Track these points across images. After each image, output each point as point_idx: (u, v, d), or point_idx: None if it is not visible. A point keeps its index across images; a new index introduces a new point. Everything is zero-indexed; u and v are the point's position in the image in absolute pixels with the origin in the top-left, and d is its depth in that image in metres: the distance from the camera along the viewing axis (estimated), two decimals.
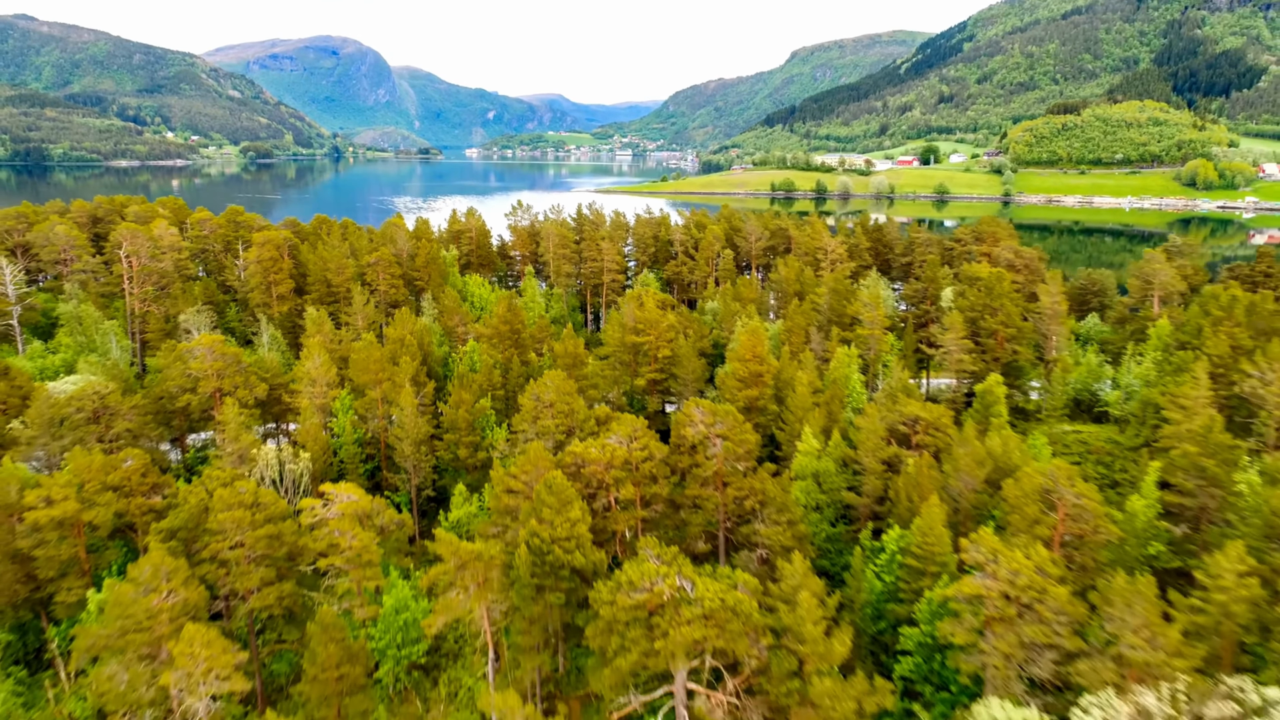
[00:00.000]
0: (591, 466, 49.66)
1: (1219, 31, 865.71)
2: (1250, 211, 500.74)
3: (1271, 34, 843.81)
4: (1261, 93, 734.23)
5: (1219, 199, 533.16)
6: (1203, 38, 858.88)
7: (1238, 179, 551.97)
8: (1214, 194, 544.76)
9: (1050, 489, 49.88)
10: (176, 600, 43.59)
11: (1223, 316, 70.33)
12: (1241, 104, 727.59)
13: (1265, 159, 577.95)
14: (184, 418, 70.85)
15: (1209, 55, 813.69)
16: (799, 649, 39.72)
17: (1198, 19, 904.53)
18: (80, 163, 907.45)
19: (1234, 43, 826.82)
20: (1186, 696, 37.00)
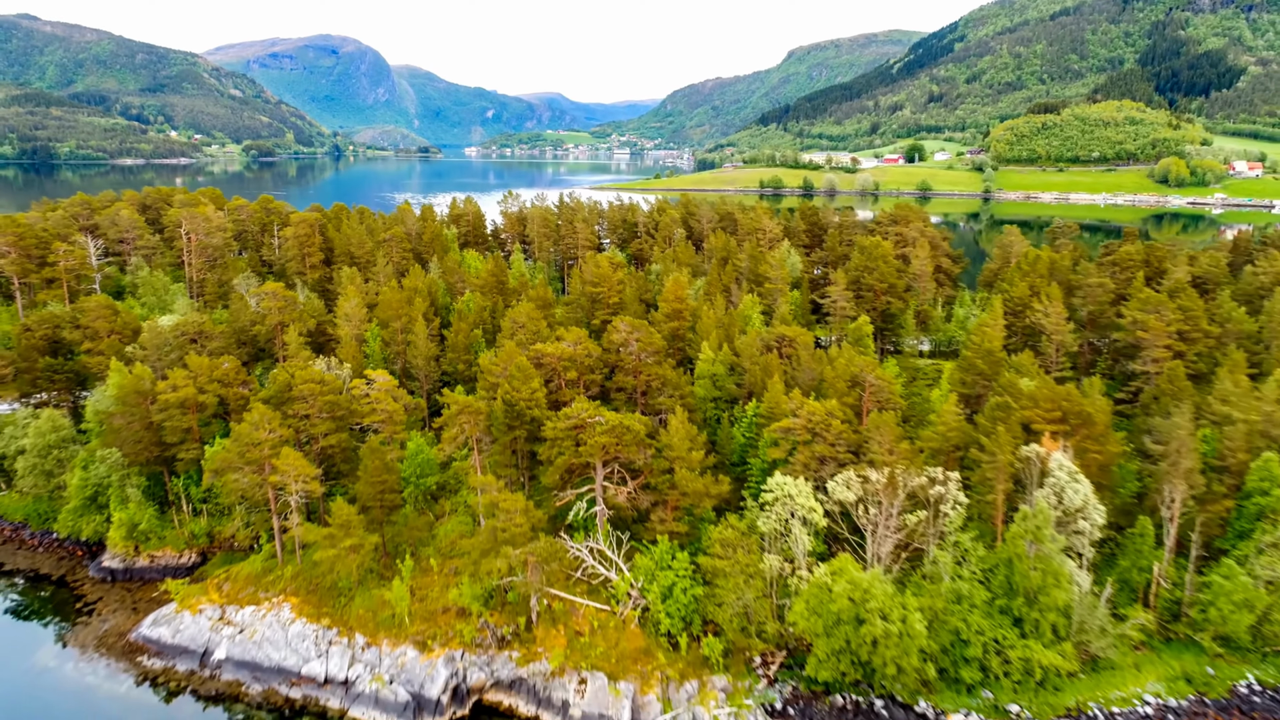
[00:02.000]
0: (548, 358, 73.45)
1: (1202, 32, 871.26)
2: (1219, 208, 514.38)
3: (1253, 35, 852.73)
4: (1240, 93, 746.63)
5: (1189, 195, 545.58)
6: (1186, 38, 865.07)
7: (1208, 176, 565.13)
8: (1185, 191, 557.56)
9: (858, 375, 73.89)
10: (275, 435, 67.36)
11: (1029, 270, 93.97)
12: (1220, 104, 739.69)
13: (1238, 157, 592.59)
14: (252, 345, 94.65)
15: (1191, 56, 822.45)
16: (670, 455, 63.71)
17: (1181, 20, 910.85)
18: (86, 161, 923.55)
19: (1216, 43, 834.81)
20: (899, 474, 60.98)
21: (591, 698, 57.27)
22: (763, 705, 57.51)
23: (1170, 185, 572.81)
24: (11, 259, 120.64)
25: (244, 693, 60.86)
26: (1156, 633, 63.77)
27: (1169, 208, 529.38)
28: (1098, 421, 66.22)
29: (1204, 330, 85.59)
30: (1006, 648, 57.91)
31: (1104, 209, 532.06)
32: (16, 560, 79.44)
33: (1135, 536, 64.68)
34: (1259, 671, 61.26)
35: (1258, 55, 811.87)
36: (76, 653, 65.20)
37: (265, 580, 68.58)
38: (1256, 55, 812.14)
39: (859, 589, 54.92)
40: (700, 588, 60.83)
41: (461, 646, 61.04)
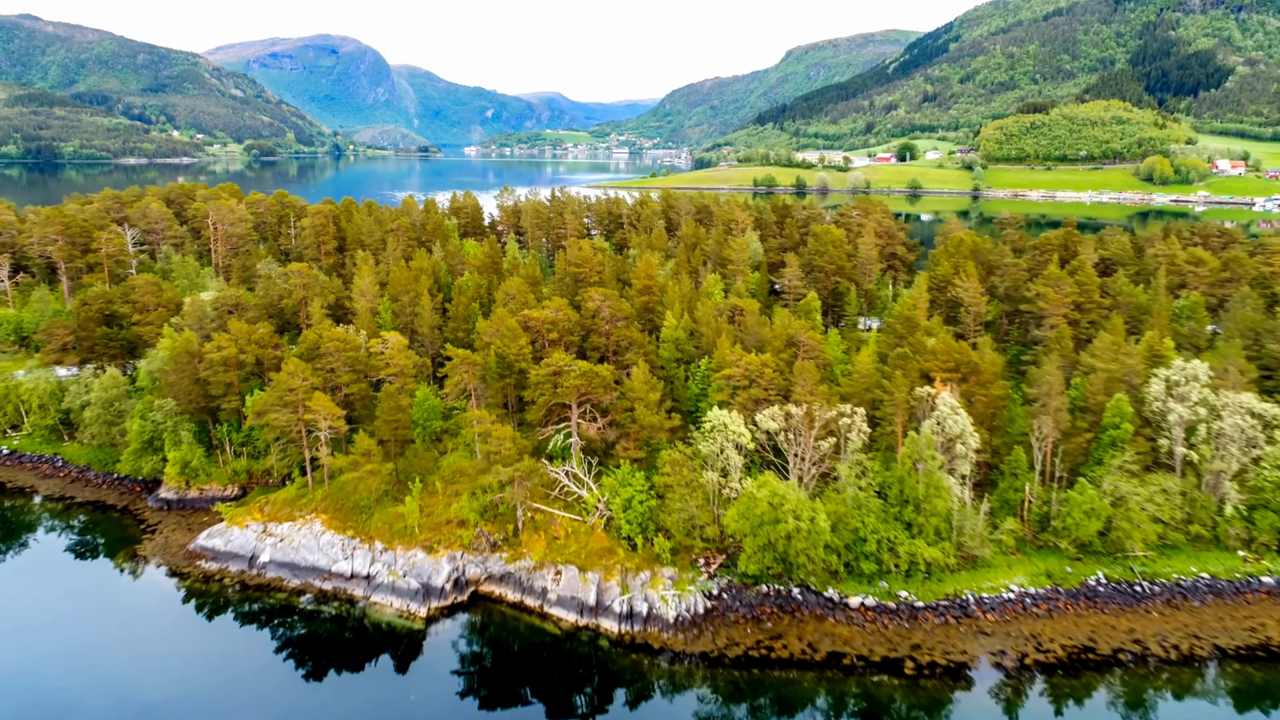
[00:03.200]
0: (534, 321, 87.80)
1: (1192, 33, 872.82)
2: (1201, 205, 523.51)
3: (1243, 35, 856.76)
4: (1228, 92, 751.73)
5: (1173, 193, 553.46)
6: (1176, 39, 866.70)
7: (1192, 175, 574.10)
8: (1169, 189, 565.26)
9: (793, 336, 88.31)
10: (307, 383, 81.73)
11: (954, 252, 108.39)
12: (1209, 103, 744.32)
13: (1221, 156, 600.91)
14: (280, 317, 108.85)
15: (1181, 56, 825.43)
16: (631, 396, 78.13)
17: (1172, 20, 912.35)
18: (90, 161, 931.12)
19: (1206, 44, 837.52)
20: (815, 410, 75.35)
21: (565, 585, 71.69)
22: (703, 592, 71.91)
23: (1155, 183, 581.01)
24: (59, 246, 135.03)
25: (285, 585, 75.28)
26: (1028, 540, 78.23)
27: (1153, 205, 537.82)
28: (984, 371, 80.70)
29: (1097, 302, 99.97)
30: (898, 545, 72.33)
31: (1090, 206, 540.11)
32: (85, 494, 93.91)
33: (1012, 463, 79.16)
34: (1108, 570, 75.67)
35: (1246, 55, 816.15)
36: (146, 558, 79.64)
37: (299, 502, 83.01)
38: (1245, 55, 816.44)
39: (778, 495, 69.23)
40: (654, 500, 75.26)
41: (461, 549, 75.45)
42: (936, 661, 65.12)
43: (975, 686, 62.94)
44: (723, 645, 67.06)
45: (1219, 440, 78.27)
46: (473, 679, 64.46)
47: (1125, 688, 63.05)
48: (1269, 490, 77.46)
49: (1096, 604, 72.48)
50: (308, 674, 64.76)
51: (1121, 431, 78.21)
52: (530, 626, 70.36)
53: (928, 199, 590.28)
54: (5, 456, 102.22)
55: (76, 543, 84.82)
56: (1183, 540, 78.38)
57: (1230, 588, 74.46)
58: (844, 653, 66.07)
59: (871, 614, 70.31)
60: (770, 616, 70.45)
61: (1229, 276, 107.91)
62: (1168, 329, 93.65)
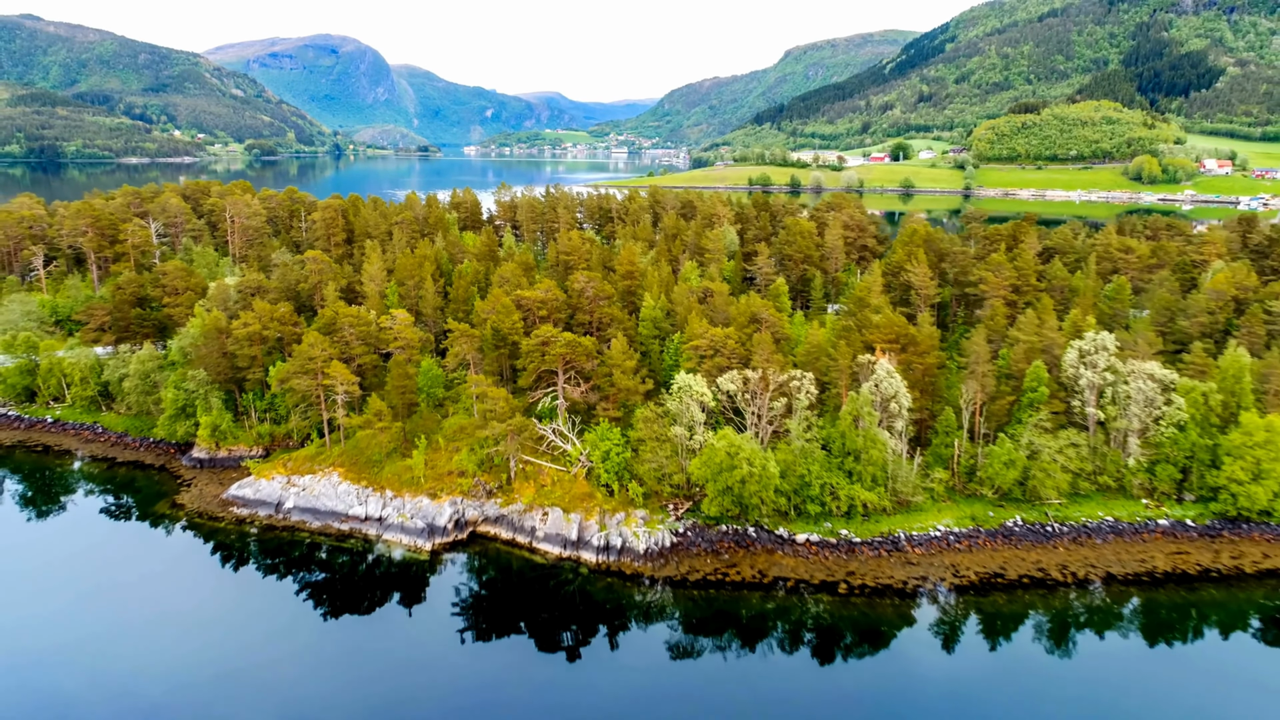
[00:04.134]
0: (526, 300, 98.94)
1: (1184, 34, 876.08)
2: (1188, 204, 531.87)
3: (1234, 36, 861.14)
4: (1218, 93, 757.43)
5: (1161, 192, 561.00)
6: (1169, 40, 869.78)
7: (1179, 174, 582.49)
8: (1156, 188, 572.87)
9: (756, 313, 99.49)
10: (325, 353, 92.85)
11: (908, 241, 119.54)
12: (1199, 103, 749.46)
13: (1208, 155, 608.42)
14: (297, 300, 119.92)
15: (1173, 57, 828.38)
16: (610, 364, 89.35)
17: (1165, 21, 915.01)
18: (92, 160, 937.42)
19: (1198, 45, 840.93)
20: (769, 374, 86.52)
21: (551, 524, 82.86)
22: (670, 530, 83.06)
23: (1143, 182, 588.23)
24: (89, 237, 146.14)
25: (307, 527, 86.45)
26: (957, 489, 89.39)
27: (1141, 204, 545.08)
28: (921, 342, 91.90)
29: (1033, 285, 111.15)
30: (839, 490, 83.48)
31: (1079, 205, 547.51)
32: (125, 455, 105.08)
33: (944, 422, 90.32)
34: (1025, 514, 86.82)
35: (1237, 56, 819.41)
36: (185, 505, 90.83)
37: (318, 458, 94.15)
38: (1236, 56, 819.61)
39: (734, 446, 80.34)
40: (629, 453, 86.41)
41: (461, 495, 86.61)
42: (866, 584, 76.31)
43: (897, 603, 74.12)
44: (685, 572, 78.26)
45: (1124, 402, 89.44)
46: (471, 602, 75.57)
47: (1025, 604, 74.27)
48: (1168, 445, 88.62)
49: (1011, 541, 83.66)
50: (329, 599, 75.89)
51: (1039, 394, 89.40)
52: (521, 559, 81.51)
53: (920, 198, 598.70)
54: (50, 425, 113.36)
55: (120, 494, 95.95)
56: (1092, 489, 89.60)
57: (1130, 529, 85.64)
58: (788, 578, 77.28)
59: (815, 548, 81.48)
60: (728, 550, 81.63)
61: (1156, 263, 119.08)
62: (1092, 308, 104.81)
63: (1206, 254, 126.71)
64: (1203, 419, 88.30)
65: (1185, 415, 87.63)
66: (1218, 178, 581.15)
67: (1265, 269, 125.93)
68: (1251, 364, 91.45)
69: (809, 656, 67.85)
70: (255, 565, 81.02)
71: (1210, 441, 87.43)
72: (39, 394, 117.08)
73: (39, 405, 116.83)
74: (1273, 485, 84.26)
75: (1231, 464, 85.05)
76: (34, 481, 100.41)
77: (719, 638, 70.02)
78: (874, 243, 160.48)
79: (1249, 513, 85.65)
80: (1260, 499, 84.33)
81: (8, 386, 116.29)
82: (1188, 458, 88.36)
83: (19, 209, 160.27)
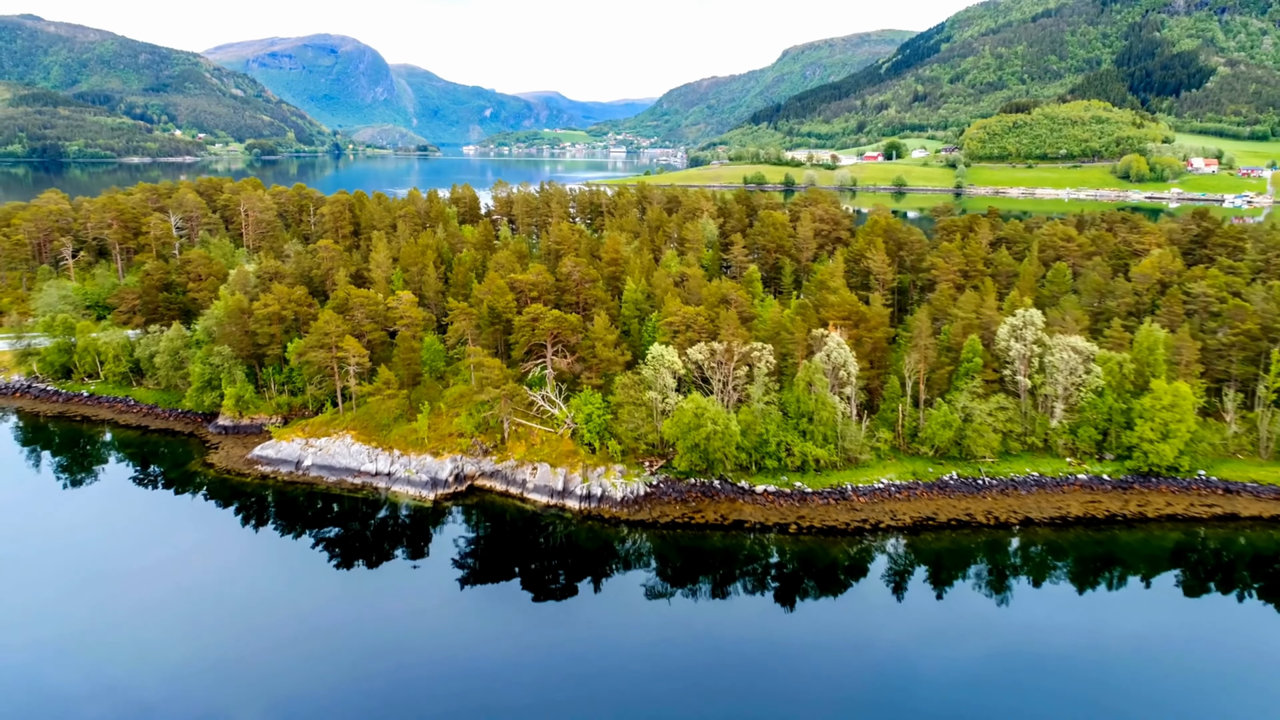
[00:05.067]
0: (519, 283, 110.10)
1: (1176, 34, 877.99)
2: (1175, 202, 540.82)
3: (1225, 36, 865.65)
4: (1208, 92, 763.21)
5: (1148, 190, 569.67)
6: (1161, 40, 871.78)
7: (1166, 172, 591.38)
8: (1144, 186, 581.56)
9: (726, 294, 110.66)
10: (340, 328, 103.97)
11: (869, 230, 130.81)
12: (1189, 103, 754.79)
13: (1196, 154, 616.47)
14: (310, 285, 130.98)
15: (1165, 57, 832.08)
16: (594, 337, 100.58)
17: (1157, 22, 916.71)
18: (94, 159, 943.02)
19: (1190, 44, 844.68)
20: (734, 346, 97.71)
21: (540, 477, 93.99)
22: (645, 482, 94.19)
23: (1131, 180, 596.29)
24: (114, 229, 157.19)
25: (324, 481, 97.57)
26: (901, 448, 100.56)
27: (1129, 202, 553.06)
28: (871, 319, 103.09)
29: (980, 270, 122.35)
30: (794, 447, 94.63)
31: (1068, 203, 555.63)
32: (156, 423, 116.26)
33: (890, 389, 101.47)
34: (960, 470, 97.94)
35: (1228, 56, 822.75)
36: (214, 464, 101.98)
37: (332, 423, 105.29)
38: (1226, 56, 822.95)
39: (700, 407, 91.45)
40: (609, 415, 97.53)
41: (460, 453, 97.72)
42: (814, 525, 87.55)
43: (839, 540, 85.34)
44: (657, 516, 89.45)
45: (1051, 371, 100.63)
46: (469, 543, 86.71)
47: (950, 541, 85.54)
48: (1088, 410, 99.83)
49: (946, 492, 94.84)
50: (342, 541, 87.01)
51: (974, 364, 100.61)
52: (513, 507, 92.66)
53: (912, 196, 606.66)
54: (86, 398, 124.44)
55: (154, 455, 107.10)
56: (1021, 449, 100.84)
57: (1052, 483, 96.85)
58: (746, 520, 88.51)
59: (771, 497, 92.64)
60: (695, 499, 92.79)
61: (1094, 250, 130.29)
62: (1030, 290, 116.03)
63: (1147, 243, 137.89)
64: (1118, 385, 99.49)
65: (1102, 382, 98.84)
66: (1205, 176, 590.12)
67: (1201, 258, 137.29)
68: (1166, 338, 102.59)
69: (764, 582, 79.01)
70: (277, 513, 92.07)
71: (1124, 405, 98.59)
72: (75, 371, 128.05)
73: (74, 381, 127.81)
74: (1178, 444, 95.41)
75: (1143, 425, 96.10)
76: (75, 446, 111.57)
77: (686, 570, 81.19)
78: (847, 235, 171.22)
79: (1158, 468, 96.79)
80: (1167, 455, 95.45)
81: (46, 364, 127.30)
82: (1106, 420, 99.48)
83: (47, 204, 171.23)
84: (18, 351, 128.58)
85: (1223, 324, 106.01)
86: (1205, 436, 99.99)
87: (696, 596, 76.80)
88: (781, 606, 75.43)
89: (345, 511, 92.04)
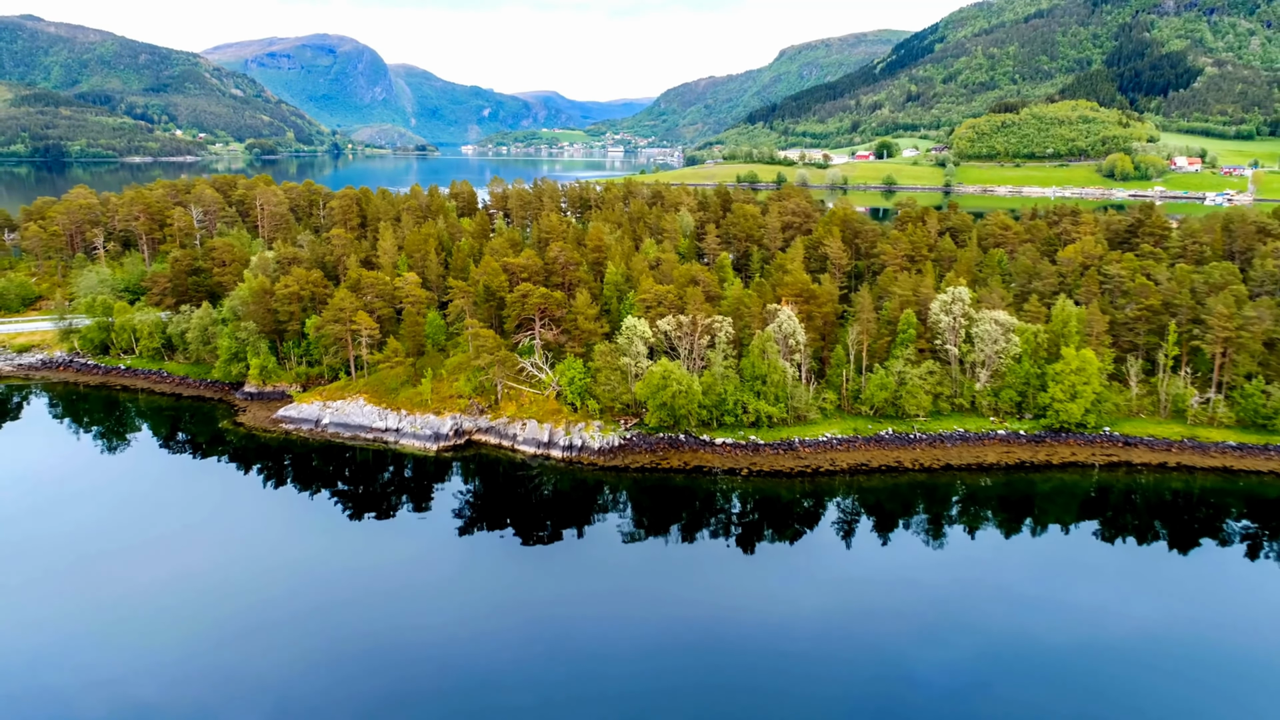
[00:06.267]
0: (511, 266, 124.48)
1: (1166, 35, 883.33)
2: (1158, 199, 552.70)
3: (1214, 37, 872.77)
4: (1195, 92, 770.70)
5: (1132, 188, 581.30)
6: (1150, 40, 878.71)
7: (1150, 171, 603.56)
8: (1128, 184, 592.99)
9: (695, 275, 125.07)
10: (354, 304, 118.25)
11: (831, 221, 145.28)
12: (1177, 103, 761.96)
13: (1180, 153, 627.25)
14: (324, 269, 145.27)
15: (1154, 57, 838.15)
16: (576, 311, 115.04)
17: (1147, 22, 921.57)
18: (97, 159, 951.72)
19: (1179, 45, 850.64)
20: (698, 318, 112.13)
21: (528, 431, 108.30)
22: (619, 436, 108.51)
23: (1116, 179, 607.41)
24: (142, 221, 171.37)
25: (340, 436, 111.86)
26: (844, 408, 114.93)
27: (1113, 200, 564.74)
28: (820, 296, 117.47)
29: (924, 255, 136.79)
30: (749, 405, 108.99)
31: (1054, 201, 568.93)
32: (188, 391, 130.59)
33: (836, 357, 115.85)
34: (896, 427, 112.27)
35: (1215, 57, 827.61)
36: (244, 423, 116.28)
37: (347, 388, 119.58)
38: (1214, 57, 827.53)
39: (667, 370, 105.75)
40: (589, 378, 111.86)
41: (459, 412, 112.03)
42: (764, 469, 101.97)
43: (784, 480, 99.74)
44: (629, 463, 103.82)
45: (977, 340, 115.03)
46: (468, 487, 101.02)
47: (879, 481, 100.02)
48: (1009, 374, 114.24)
49: (882, 445, 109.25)
50: (356, 486, 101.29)
51: (909, 335, 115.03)
52: (505, 457, 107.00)
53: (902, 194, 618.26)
54: (123, 371, 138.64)
55: (188, 418, 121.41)
56: (950, 409, 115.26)
57: (974, 437, 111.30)
58: (705, 465, 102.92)
59: (729, 448, 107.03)
60: (662, 450, 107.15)
61: (1028, 238, 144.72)
62: (966, 273, 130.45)
63: (1083, 233, 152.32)
64: (1034, 353, 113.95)
65: (1020, 350, 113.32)
66: (1188, 175, 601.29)
67: (1132, 244, 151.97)
68: (1079, 312, 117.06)
69: (719, 515, 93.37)
70: (300, 463, 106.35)
71: (1039, 370, 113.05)
72: (112, 347, 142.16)
73: (111, 356, 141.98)
74: (1084, 403, 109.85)
75: (1054, 387, 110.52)
76: (115, 410, 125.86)
77: (653, 506, 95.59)
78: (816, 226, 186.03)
79: (1068, 425, 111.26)
80: (1075, 413, 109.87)
81: (86, 341, 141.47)
82: (1024, 384, 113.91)
83: (77, 198, 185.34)
84: (60, 330, 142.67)
85: (1130, 300, 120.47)
86: (1111, 398, 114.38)
87: (662, 528, 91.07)
88: (735, 534, 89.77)
89: (359, 461, 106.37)
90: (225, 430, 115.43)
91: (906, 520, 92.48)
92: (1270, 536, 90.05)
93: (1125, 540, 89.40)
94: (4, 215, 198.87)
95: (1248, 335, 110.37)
